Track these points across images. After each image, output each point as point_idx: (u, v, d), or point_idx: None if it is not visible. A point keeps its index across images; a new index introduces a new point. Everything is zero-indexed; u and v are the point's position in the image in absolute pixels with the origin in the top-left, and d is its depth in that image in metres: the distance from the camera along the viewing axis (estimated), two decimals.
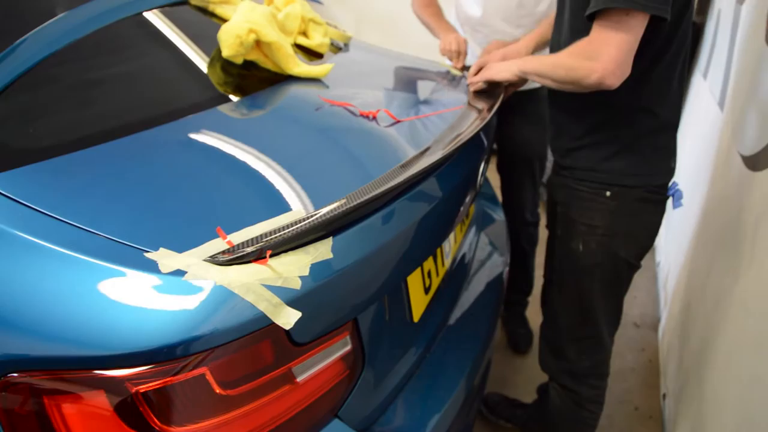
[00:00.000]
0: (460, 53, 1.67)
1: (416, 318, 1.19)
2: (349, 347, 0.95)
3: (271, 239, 0.80)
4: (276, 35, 1.27)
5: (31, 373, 0.76)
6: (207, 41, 1.33)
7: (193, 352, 0.75)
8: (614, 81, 1.17)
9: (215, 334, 0.75)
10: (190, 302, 0.75)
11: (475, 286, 1.53)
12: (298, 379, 0.87)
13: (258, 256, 0.79)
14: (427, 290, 1.24)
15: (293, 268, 0.80)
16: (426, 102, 1.43)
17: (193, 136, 1.05)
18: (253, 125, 1.13)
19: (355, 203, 0.87)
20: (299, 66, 1.32)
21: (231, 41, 1.24)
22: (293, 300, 0.79)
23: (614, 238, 1.39)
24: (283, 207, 0.90)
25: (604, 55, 1.16)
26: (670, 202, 1.43)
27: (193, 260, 0.77)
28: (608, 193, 1.38)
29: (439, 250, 1.30)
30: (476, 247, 1.65)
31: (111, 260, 0.77)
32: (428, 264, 1.24)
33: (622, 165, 1.36)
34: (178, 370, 0.75)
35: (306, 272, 0.80)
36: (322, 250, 0.83)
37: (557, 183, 1.51)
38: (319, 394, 0.92)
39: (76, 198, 0.87)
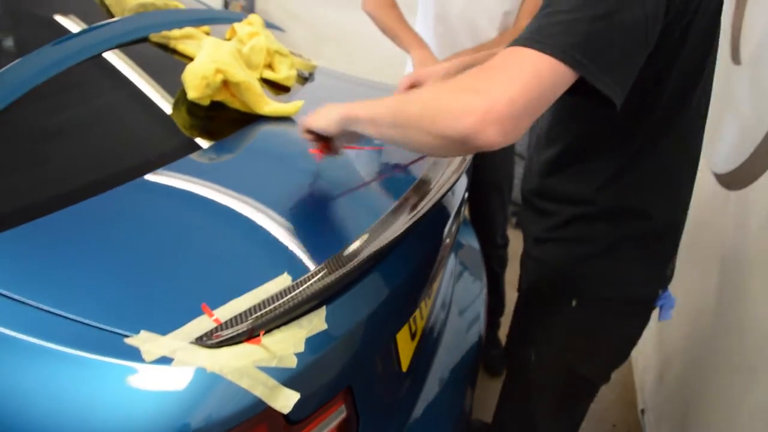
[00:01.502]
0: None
1: (404, 367, 1.15)
2: (344, 414, 0.91)
3: (264, 315, 0.75)
4: (244, 74, 1.22)
5: None
6: (171, 81, 1.27)
7: None
8: (495, 137, 0.73)
9: (208, 428, 0.69)
10: (179, 394, 0.69)
11: (457, 321, 1.50)
12: None
13: (250, 335, 0.74)
14: (413, 336, 1.20)
15: (288, 344, 0.75)
16: None
17: (163, 193, 0.99)
18: (227, 177, 1.07)
19: (348, 267, 0.83)
20: (269, 104, 1.27)
21: (197, 82, 1.17)
22: (289, 379, 0.74)
23: (573, 354, 1.14)
24: (267, 272, 0.85)
25: (498, 89, 0.73)
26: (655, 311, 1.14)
27: (179, 344, 0.72)
28: (574, 303, 1.10)
29: None
30: (455, 280, 1.62)
31: (84, 348, 0.71)
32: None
33: (597, 271, 1.08)
34: None
35: (301, 348, 0.76)
36: (316, 322, 0.79)
37: (524, 262, 1.24)
38: None
39: (36, 275, 0.80)
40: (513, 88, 0.73)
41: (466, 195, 1.36)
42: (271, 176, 1.11)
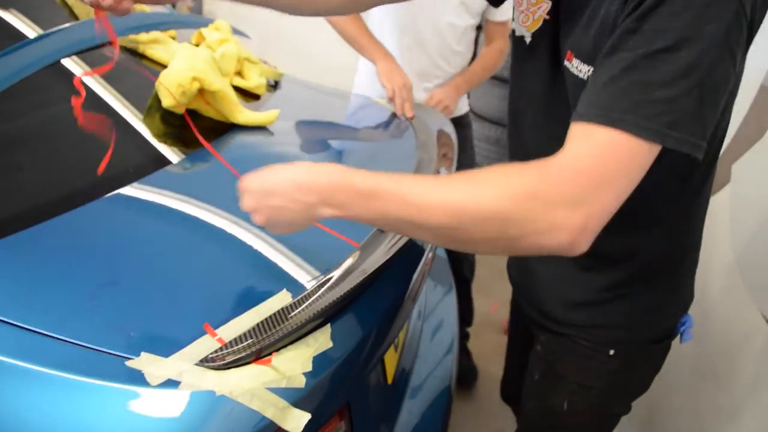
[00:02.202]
0: (408, 101, 1.61)
1: (390, 379, 1.15)
2: (343, 430, 0.90)
3: (272, 334, 0.73)
4: (220, 82, 1.19)
5: None
6: (138, 88, 1.22)
7: None
8: (585, 246, 0.68)
9: None
10: (188, 419, 0.67)
11: (431, 331, 1.51)
12: None
13: (258, 355, 0.72)
14: (396, 347, 1.21)
15: (296, 364, 0.74)
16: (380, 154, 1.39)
17: (146, 207, 0.95)
18: (209, 188, 1.04)
19: (353, 282, 0.82)
20: (243, 113, 1.25)
21: (172, 90, 1.14)
22: (297, 400, 0.73)
23: (611, 397, 1.14)
24: (265, 287, 0.83)
25: (593, 199, 0.65)
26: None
27: (186, 366, 0.69)
28: (612, 352, 1.07)
29: None
30: (427, 289, 1.63)
31: (82, 372, 0.67)
32: None
33: (636, 313, 1.05)
34: None
35: (309, 367, 0.74)
36: (322, 340, 0.77)
37: (538, 322, 1.18)
38: None
39: (24, 294, 0.76)
40: (608, 195, 0.65)
41: None
42: None
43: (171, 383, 0.67)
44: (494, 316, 2.65)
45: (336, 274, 0.85)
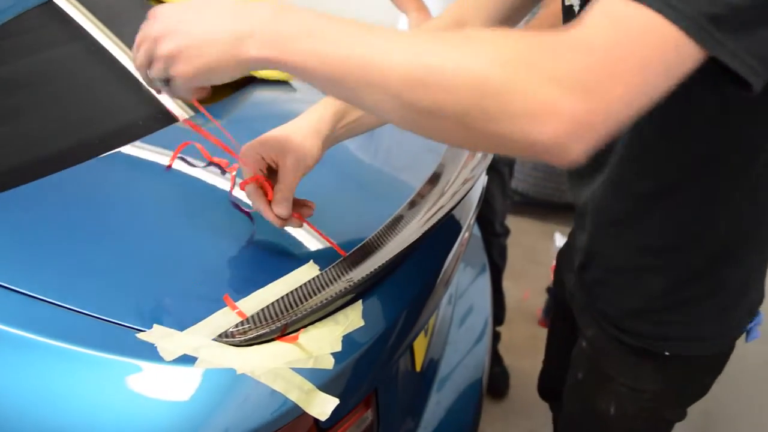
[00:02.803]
0: None
1: (418, 367, 1.15)
2: (370, 419, 0.89)
3: (300, 310, 0.72)
4: None
5: None
6: None
7: None
8: (578, 154, 0.55)
9: None
10: (204, 400, 0.66)
11: (463, 318, 1.50)
12: None
13: (283, 332, 0.71)
14: (426, 332, 1.20)
15: (324, 343, 0.73)
16: None
17: (160, 163, 0.94)
18: (229, 145, 1.03)
19: (387, 256, 0.81)
20: None
21: None
22: (324, 383, 0.72)
23: (664, 402, 1.11)
24: (290, 259, 0.83)
25: (609, 86, 0.53)
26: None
27: (202, 341, 0.68)
28: (668, 353, 1.04)
29: None
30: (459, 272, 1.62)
31: (90, 345, 0.67)
32: None
33: (699, 314, 1.02)
34: None
35: (338, 347, 0.73)
36: (353, 318, 0.76)
37: (586, 315, 1.15)
38: None
39: (26, 260, 0.76)
40: (625, 87, 0.54)
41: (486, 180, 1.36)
42: None
43: (186, 359, 0.67)
44: (527, 304, 2.64)
45: (368, 246, 0.84)
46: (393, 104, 0.57)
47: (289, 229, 0.88)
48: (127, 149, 0.96)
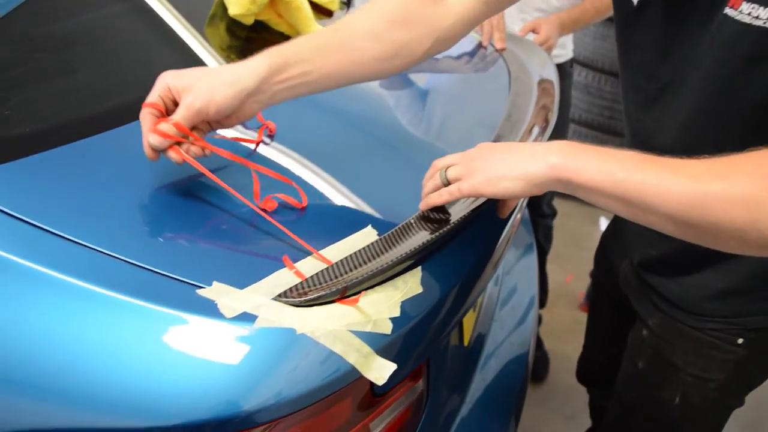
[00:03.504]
0: (499, 29, 1.54)
1: (467, 341, 1.14)
2: (420, 390, 0.89)
3: (360, 273, 0.72)
4: None
5: None
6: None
7: (268, 421, 0.67)
8: None
9: (296, 397, 0.66)
10: (267, 356, 0.66)
11: (509, 296, 1.49)
12: None
13: (342, 294, 0.71)
14: (474, 308, 1.19)
15: (383, 308, 0.72)
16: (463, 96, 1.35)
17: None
18: (282, 113, 1.03)
19: (448, 222, 0.80)
20: (316, 28, 1.22)
21: None
22: (380, 348, 0.71)
23: (729, 390, 1.11)
24: (349, 223, 0.82)
25: None
26: None
27: (263, 300, 0.68)
28: (740, 341, 1.04)
29: None
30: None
31: (149, 299, 0.67)
32: None
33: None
34: None
35: (397, 312, 0.73)
36: (412, 284, 0.76)
37: (646, 303, 1.14)
38: None
39: (86, 209, 0.76)
40: None
41: None
42: (337, 115, 1.07)
43: (246, 317, 0.67)
44: (569, 288, 2.62)
45: (426, 215, 0.83)
46: (672, 224, 0.68)
47: (345, 195, 0.88)
48: None
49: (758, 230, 0.63)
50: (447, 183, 0.80)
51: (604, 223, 2.91)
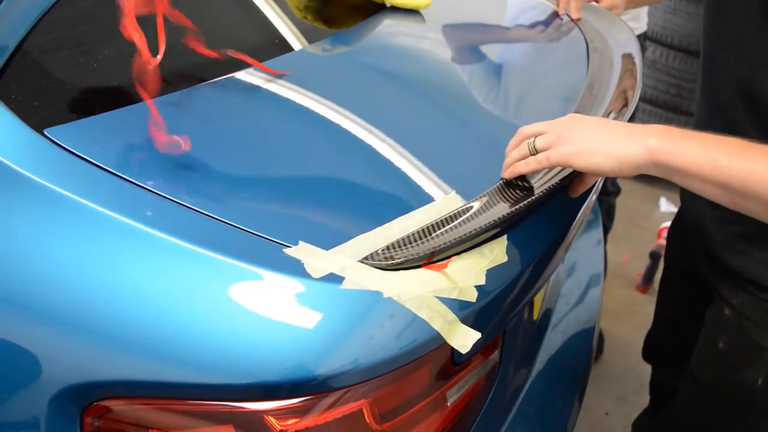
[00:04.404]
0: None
1: (536, 315, 1.12)
2: (495, 361, 0.88)
3: (448, 237, 0.70)
4: None
5: (132, 400, 0.67)
6: None
7: (352, 384, 0.66)
8: None
9: (380, 361, 0.66)
10: (350, 319, 0.66)
11: (574, 272, 1.46)
12: (449, 402, 0.80)
13: (430, 259, 0.70)
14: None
15: (469, 275, 0.71)
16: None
17: (293, 90, 0.93)
18: (361, 78, 1.02)
19: (533, 193, 0.78)
20: None
21: None
22: (465, 315, 0.70)
23: None
24: (429, 190, 0.81)
25: None
26: None
27: (349, 262, 0.68)
28: None
29: None
30: None
31: (238, 256, 0.67)
32: None
33: None
34: (331, 404, 0.67)
35: (482, 280, 0.71)
36: (498, 252, 0.74)
37: (728, 282, 1.11)
38: (462, 415, 0.85)
39: (175, 165, 0.76)
40: None
41: None
42: (416, 87, 1.05)
43: (333, 278, 0.66)
44: (625, 269, 2.56)
45: (514, 182, 0.81)
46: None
47: (426, 164, 0.86)
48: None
49: None
50: (534, 152, 0.78)
51: (664, 204, 2.83)
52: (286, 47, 1.03)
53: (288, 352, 0.65)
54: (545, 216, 0.85)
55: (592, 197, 0.99)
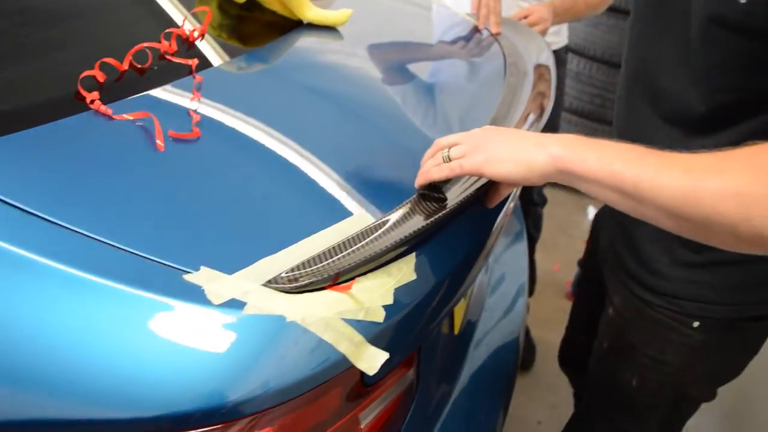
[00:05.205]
0: (495, 13, 1.51)
1: (457, 329, 1.13)
2: (411, 379, 0.87)
3: (353, 258, 0.69)
4: None
5: None
6: None
7: (262, 409, 0.65)
8: None
9: (289, 385, 0.64)
10: (255, 345, 0.64)
11: (498, 283, 1.47)
12: (362, 425, 0.79)
13: (334, 281, 0.69)
14: (465, 295, 1.17)
15: (376, 295, 0.70)
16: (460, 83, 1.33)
17: (200, 106, 0.91)
18: (276, 94, 1.00)
19: (444, 207, 0.78)
20: (311, 9, 1.19)
21: None
22: (372, 336, 0.69)
23: (688, 378, 1.09)
24: (342, 208, 0.80)
25: None
26: None
27: (252, 286, 0.66)
28: (696, 324, 1.03)
29: None
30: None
31: (136, 285, 0.64)
32: None
33: (735, 284, 1.00)
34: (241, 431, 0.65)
35: (390, 300, 0.71)
36: (406, 271, 0.74)
37: (614, 278, 1.15)
38: None
39: (69, 190, 0.73)
40: None
41: None
42: (329, 100, 1.04)
43: (234, 304, 0.64)
44: (556, 277, 2.61)
45: (421, 198, 0.81)
46: (667, 217, 0.68)
47: (337, 181, 0.85)
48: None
49: (751, 226, 0.62)
50: (449, 162, 0.80)
51: (592, 212, 2.90)
52: (199, 65, 1.01)
53: (194, 381, 0.63)
54: (459, 229, 0.85)
55: (509, 206, 1.00)
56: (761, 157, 0.64)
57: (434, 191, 0.82)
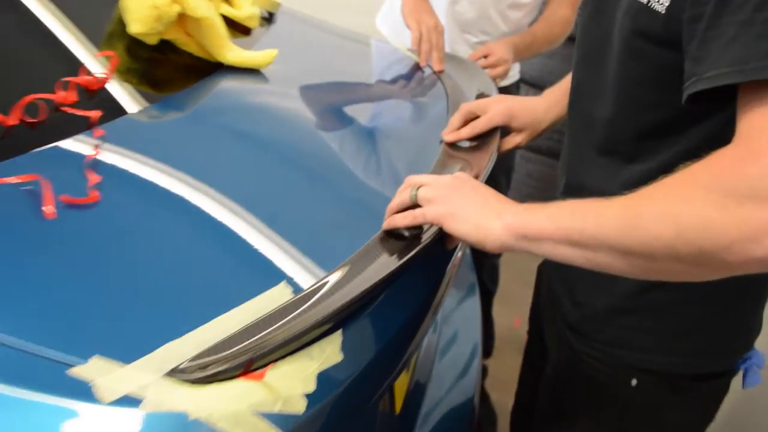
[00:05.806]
0: (438, 49, 1.54)
1: (398, 409, 1.11)
2: None
3: (268, 341, 0.67)
4: (206, 8, 1.13)
5: None
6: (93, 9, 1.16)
7: None
8: None
9: None
10: None
11: (450, 345, 1.47)
12: None
13: (247, 368, 0.67)
14: (408, 367, 1.16)
15: (294, 382, 0.68)
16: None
17: (110, 164, 0.89)
18: (191, 147, 0.99)
19: (372, 280, 0.77)
20: (232, 51, 1.19)
21: (145, 13, 1.08)
22: (293, 429, 0.67)
23: None
24: (259, 280, 0.78)
25: None
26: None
27: (150, 378, 0.63)
28: (635, 382, 1.03)
29: None
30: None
31: (7, 381, 0.61)
32: None
33: (666, 343, 1.01)
34: None
35: (312, 387, 0.69)
36: (330, 352, 0.72)
37: (553, 331, 1.18)
38: None
39: None
40: None
41: None
42: (245, 150, 1.03)
43: (129, 401, 0.61)
44: (517, 333, 2.61)
45: (348, 268, 0.80)
46: (617, 256, 0.74)
47: (260, 242, 0.84)
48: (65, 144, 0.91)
49: (687, 241, 0.68)
50: (414, 200, 0.86)
51: None
52: (104, 117, 0.99)
53: None
54: (393, 299, 0.84)
55: (455, 261, 1.00)
56: (687, 176, 0.71)
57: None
